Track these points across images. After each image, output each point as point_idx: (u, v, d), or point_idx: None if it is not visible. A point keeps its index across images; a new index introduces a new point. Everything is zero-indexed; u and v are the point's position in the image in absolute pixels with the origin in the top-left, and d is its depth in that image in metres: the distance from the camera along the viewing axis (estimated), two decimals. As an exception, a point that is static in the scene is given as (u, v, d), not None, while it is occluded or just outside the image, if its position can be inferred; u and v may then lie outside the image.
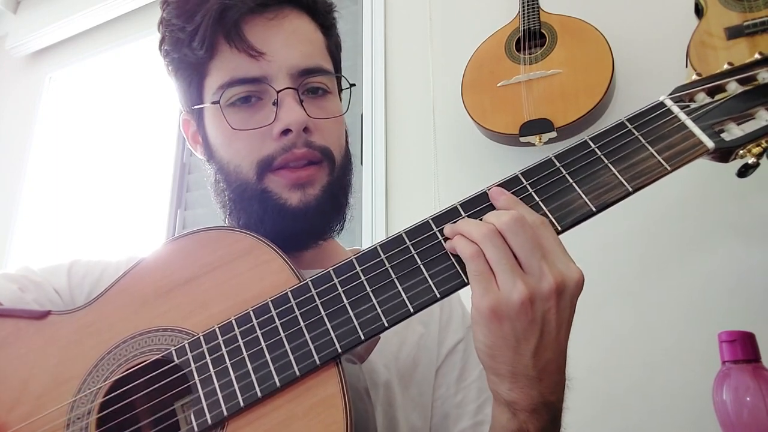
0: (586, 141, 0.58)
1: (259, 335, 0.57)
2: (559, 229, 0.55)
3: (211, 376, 0.56)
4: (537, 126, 1.43)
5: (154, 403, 0.59)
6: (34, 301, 0.70)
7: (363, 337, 0.54)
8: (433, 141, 1.72)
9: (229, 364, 0.56)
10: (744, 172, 0.58)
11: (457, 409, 0.76)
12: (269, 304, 0.58)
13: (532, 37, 1.54)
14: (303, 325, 0.56)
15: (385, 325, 0.54)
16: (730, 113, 0.57)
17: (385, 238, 0.58)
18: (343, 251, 0.84)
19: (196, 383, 0.56)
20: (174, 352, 0.58)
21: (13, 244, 2.46)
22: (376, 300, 0.55)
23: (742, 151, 0.56)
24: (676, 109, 0.58)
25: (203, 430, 0.54)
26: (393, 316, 0.55)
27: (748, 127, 0.57)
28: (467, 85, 1.59)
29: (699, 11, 1.37)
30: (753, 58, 0.59)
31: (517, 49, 1.54)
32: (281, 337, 0.56)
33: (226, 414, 0.54)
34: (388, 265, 0.56)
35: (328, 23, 0.77)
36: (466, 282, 0.54)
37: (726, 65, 0.59)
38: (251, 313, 0.58)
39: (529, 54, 1.52)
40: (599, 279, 1.35)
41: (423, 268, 0.56)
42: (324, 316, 0.56)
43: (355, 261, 0.58)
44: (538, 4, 1.58)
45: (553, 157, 0.58)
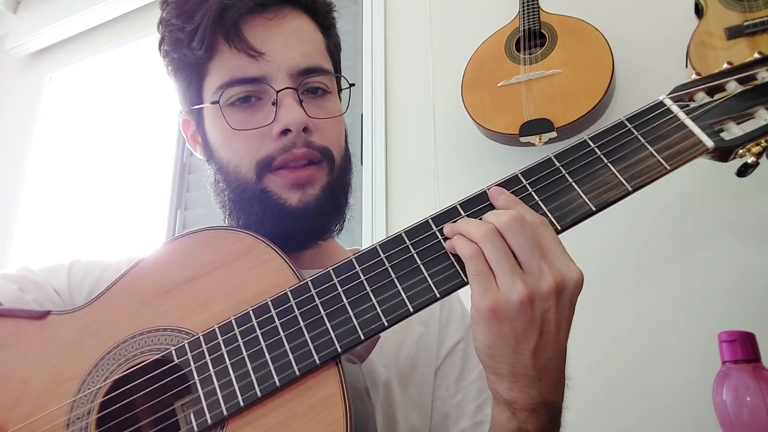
0: (586, 140, 0.58)
1: (259, 335, 0.56)
2: (558, 229, 0.55)
3: (210, 375, 0.56)
4: (537, 126, 1.43)
5: (153, 402, 0.58)
6: (33, 301, 0.70)
7: (363, 337, 0.54)
8: (433, 141, 1.72)
9: (228, 364, 0.56)
10: (743, 171, 0.58)
11: (457, 409, 0.76)
12: (269, 303, 0.58)
13: (532, 37, 1.54)
14: (303, 325, 0.56)
15: (385, 324, 0.54)
16: (730, 112, 0.57)
17: (384, 238, 0.58)
18: (342, 251, 0.84)
19: (195, 383, 0.56)
20: (174, 352, 0.58)
21: (13, 244, 2.45)
22: (376, 300, 0.55)
23: (741, 151, 0.56)
24: (675, 109, 0.58)
25: (203, 430, 0.54)
26: (392, 315, 0.54)
27: (747, 127, 0.57)
28: (467, 85, 1.59)
29: (699, 11, 1.37)
30: (752, 57, 0.59)
31: (517, 49, 1.54)
32: (281, 337, 0.56)
33: (225, 414, 0.54)
34: (387, 265, 0.56)
35: (328, 23, 0.77)
36: (466, 281, 0.54)
37: (725, 65, 0.59)
38: (251, 312, 0.58)
39: (529, 54, 1.52)
40: (599, 278, 1.35)
41: (422, 267, 0.56)
42: (324, 315, 0.56)
43: (354, 261, 0.58)
44: (538, 4, 1.58)
45: (553, 157, 0.58)
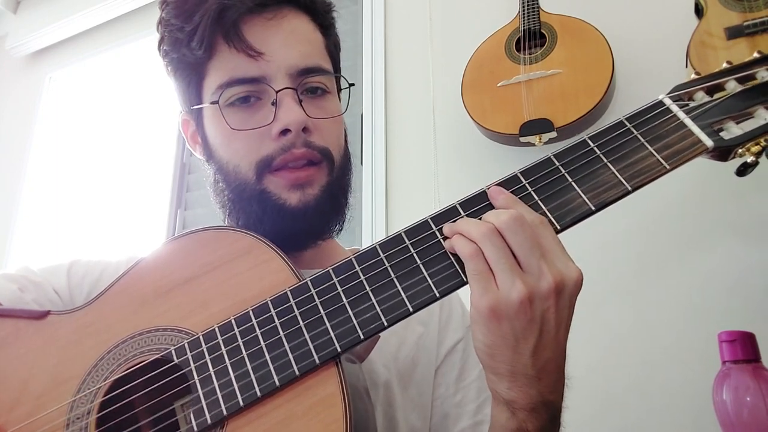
0: (585, 140, 0.58)
1: (259, 335, 0.56)
2: (558, 228, 0.55)
3: (210, 375, 0.56)
4: (537, 126, 1.43)
5: (153, 402, 0.58)
6: (33, 301, 0.70)
7: (362, 337, 0.54)
8: (433, 141, 1.72)
9: (228, 364, 0.56)
10: (743, 170, 0.58)
11: (457, 409, 0.76)
12: (269, 303, 0.58)
13: (532, 37, 1.54)
14: (302, 325, 0.56)
15: (385, 324, 0.54)
16: (729, 112, 0.57)
17: (384, 238, 0.58)
18: (342, 251, 0.84)
19: (195, 383, 0.56)
20: (173, 352, 0.58)
21: (13, 244, 2.45)
22: (375, 299, 0.55)
23: (741, 150, 0.56)
24: (675, 108, 0.58)
25: (203, 430, 0.54)
26: (392, 315, 0.54)
27: (747, 126, 0.56)
28: (467, 85, 1.59)
29: (699, 11, 1.37)
30: (752, 57, 0.59)
31: (517, 49, 1.54)
32: (281, 337, 0.56)
33: (225, 413, 0.54)
34: (387, 265, 0.56)
35: (327, 23, 0.77)
36: (465, 281, 0.54)
37: (725, 64, 0.59)
38: (251, 312, 0.58)
39: (529, 54, 1.52)
40: (598, 278, 1.35)
41: (422, 267, 0.56)
42: (323, 315, 0.56)
43: (354, 260, 0.58)
44: (538, 4, 1.58)
45: (552, 156, 0.58)
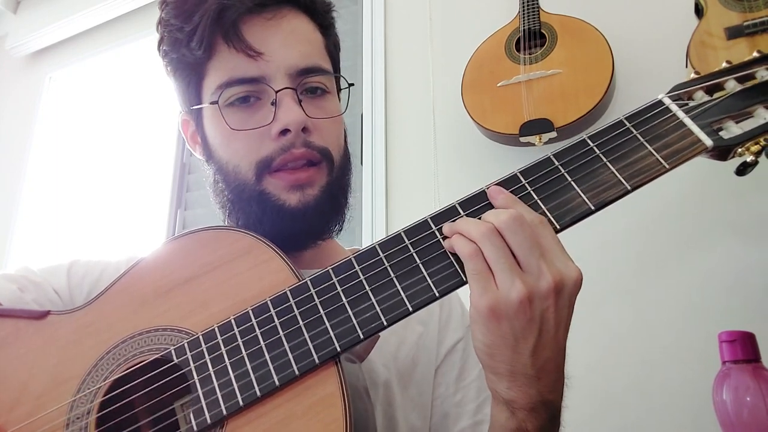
0: (585, 140, 0.58)
1: (258, 334, 0.56)
2: (557, 228, 0.55)
3: (210, 375, 0.56)
4: (537, 126, 1.43)
5: (153, 402, 0.58)
6: (33, 302, 0.70)
7: (362, 336, 0.54)
8: (433, 141, 1.72)
9: (228, 364, 0.56)
10: (742, 170, 0.58)
11: (457, 409, 0.76)
12: (268, 303, 0.58)
13: (532, 37, 1.54)
14: (302, 324, 0.56)
15: (384, 324, 0.54)
16: (729, 111, 0.57)
17: (383, 237, 0.58)
18: (342, 251, 0.84)
19: (195, 382, 0.56)
20: (173, 352, 0.58)
21: (13, 244, 2.46)
22: (375, 299, 0.55)
23: (740, 149, 0.56)
24: (674, 108, 0.58)
25: (202, 430, 0.54)
26: (392, 315, 0.54)
27: (746, 125, 0.56)
28: (467, 85, 1.59)
29: (699, 11, 1.37)
30: (751, 56, 0.59)
31: (517, 49, 1.54)
32: (280, 337, 0.56)
33: (225, 413, 0.54)
34: (386, 264, 0.56)
35: (327, 23, 0.77)
36: (465, 281, 0.54)
37: (724, 63, 0.59)
38: (250, 312, 0.58)
39: (529, 54, 1.52)
40: (598, 277, 1.35)
41: (422, 267, 0.56)
42: (323, 315, 0.56)
43: (353, 260, 0.58)
44: (538, 4, 1.58)
45: (552, 156, 0.58)
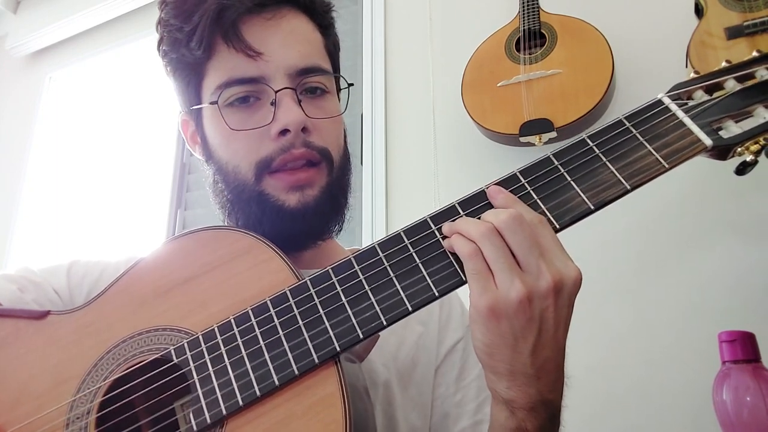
0: (584, 139, 0.58)
1: (258, 334, 0.56)
2: (557, 228, 0.55)
3: (210, 375, 0.56)
4: (537, 126, 1.43)
5: (153, 402, 0.58)
6: (33, 302, 0.70)
7: (361, 336, 0.54)
8: (433, 141, 1.72)
9: (228, 363, 0.56)
10: (742, 169, 0.58)
11: (457, 409, 0.76)
12: (268, 303, 0.58)
13: (532, 37, 1.54)
14: (301, 324, 0.56)
15: (384, 323, 0.54)
16: (728, 111, 0.57)
17: (383, 237, 0.58)
18: (342, 251, 0.84)
19: (194, 382, 0.56)
20: (173, 352, 0.58)
21: (13, 244, 2.46)
22: (375, 298, 0.55)
23: (740, 149, 0.56)
24: (674, 107, 0.58)
25: (202, 429, 0.54)
26: (391, 314, 0.54)
27: (746, 125, 0.56)
28: (467, 85, 1.59)
29: (699, 11, 1.37)
30: (751, 55, 0.59)
31: (517, 49, 1.54)
32: (280, 336, 0.56)
33: (225, 413, 0.54)
34: (386, 264, 0.56)
35: (326, 23, 0.77)
36: (465, 280, 0.54)
37: (724, 63, 0.59)
38: (250, 312, 0.58)
39: (529, 54, 1.52)
40: (597, 277, 1.35)
41: (421, 266, 0.56)
42: (322, 314, 0.56)
43: (353, 260, 0.58)
44: (538, 4, 1.58)
45: (551, 156, 0.58)
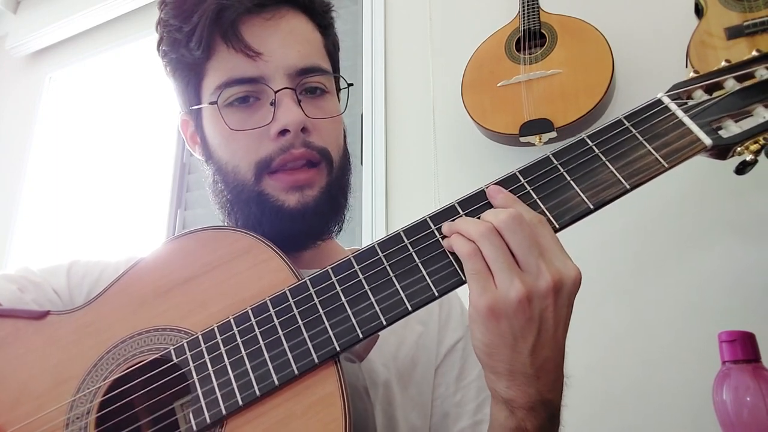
0: (584, 139, 0.58)
1: (258, 334, 0.56)
2: (556, 227, 0.55)
3: (209, 375, 0.56)
4: (537, 126, 1.43)
5: (153, 402, 0.58)
6: (33, 302, 0.70)
7: (361, 336, 0.54)
8: (433, 141, 1.72)
9: (227, 363, 0.56)
10: (742, 169, 0.58)
11: (457, 408, 0.76)
12: (267, 303, 0.58)
13: (532, 37, 1.54)
14: (301, 324, 0.56)
15: (383, 323, 0.54)
16: (728, 110, 0.57)
17: (382, 237, 0.58)
18: (342, 251, 0.84)
19: (194, 382, 0.56)
20: (172, 352, 0.58)
21: (13, 244, 2.46)
22: (374, 298, 0.55)
23: (739, 148, 0.56)
24: (673, 107, 0.58)
25: (202, 429, 0.54)
26: (391, 314, 0.54)
27: (745, 124, 0.56)
28: (467, 85, 1.59)
29: (699, 11, 1.37)
30: (750, 55, 0.59)
31: (517, 49, 1.54)
32: (279, 336, 0.56)
33: (224, 413, 0.54)
34: (385, 264, 0.56)
35: (326, 23, 0.77)
36: (464, 280, 0.54)
37: (723, 62, 0.59)
38: (250, 312, 0.58)
39: (529, 54, 1.52)
40: (597, 277, 1.35)
41: (421, 266, 0.56)
42: (322, 314, 0.56)
43: (353, 259, 0.58)
44: (538, 4, 1.58)
45: (551, 155, 0.58)
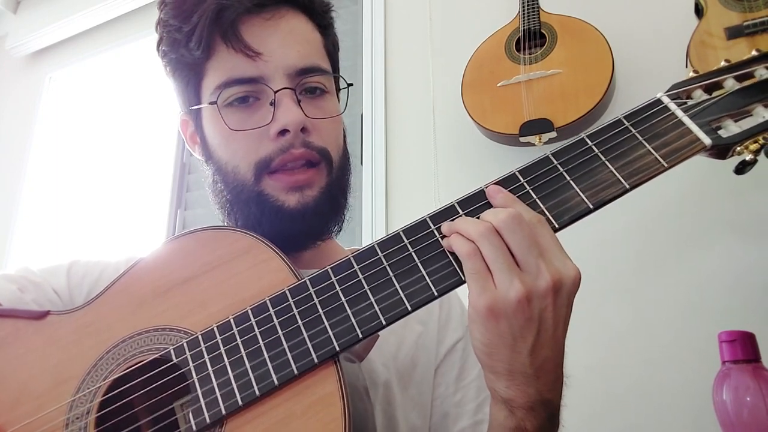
0: (583, 138, 0.58)
1: (257, 334, 0.56)
2: (556, 227, 0.55)
3: (209, 374, 0.56)
4: (537, 126, 1.43)
5: (152, 402, 0.58)
6: (33, 302, 0.70)
7: (361, 335, 0.54)
8: (433, 141, 1.72)
9: (227, 363, 0.56)
10: (741, 169, 0.58)
11: (457, 408, 0.76)
12: (267, 303, 0.58)
13: (532, 37, 1.54)
14: (301, 324, 0.56)
15: (383, 323, 0.54)
16: (727, 110, 0.57)
17: (382, 237, 0.58)
18: (341, 251, 0.84)
19: (194, 382, 0.56)
20: (172, 352, 0.58)
21: (13, 244, 2.46)
22: (374, 298, 0.55)
23: (739, 148, 0.56)
24: (673, 106, 0.58)
25: (201, 429, 0.54)
26: (391, 314, 0.54)
27: (745, 124, 0.56)
28: (467, 85, 1.59)
29: (699, 11, 1.37)
30: (750, 54, 0.59)
31: (517, 49, 1.54)
32: (279, 336, 0.56)
33: (224, 413, 0.54)
34: (385, 263, 0.56)
35: (326, 23, 0.77)
36: (464, 280, 0.54)
37: (723, 62, 0.59)
38: (249, 312, 0.58)
39: (529, 54, 1.52)
40: (596, 276, 1.35)
41: (420, 266, 0.56)
42: (322, 314, 0.56)
43: (352, 259, 0.58)
44: (538, 4, 1.58)
45: (550, 155, 0.58)
